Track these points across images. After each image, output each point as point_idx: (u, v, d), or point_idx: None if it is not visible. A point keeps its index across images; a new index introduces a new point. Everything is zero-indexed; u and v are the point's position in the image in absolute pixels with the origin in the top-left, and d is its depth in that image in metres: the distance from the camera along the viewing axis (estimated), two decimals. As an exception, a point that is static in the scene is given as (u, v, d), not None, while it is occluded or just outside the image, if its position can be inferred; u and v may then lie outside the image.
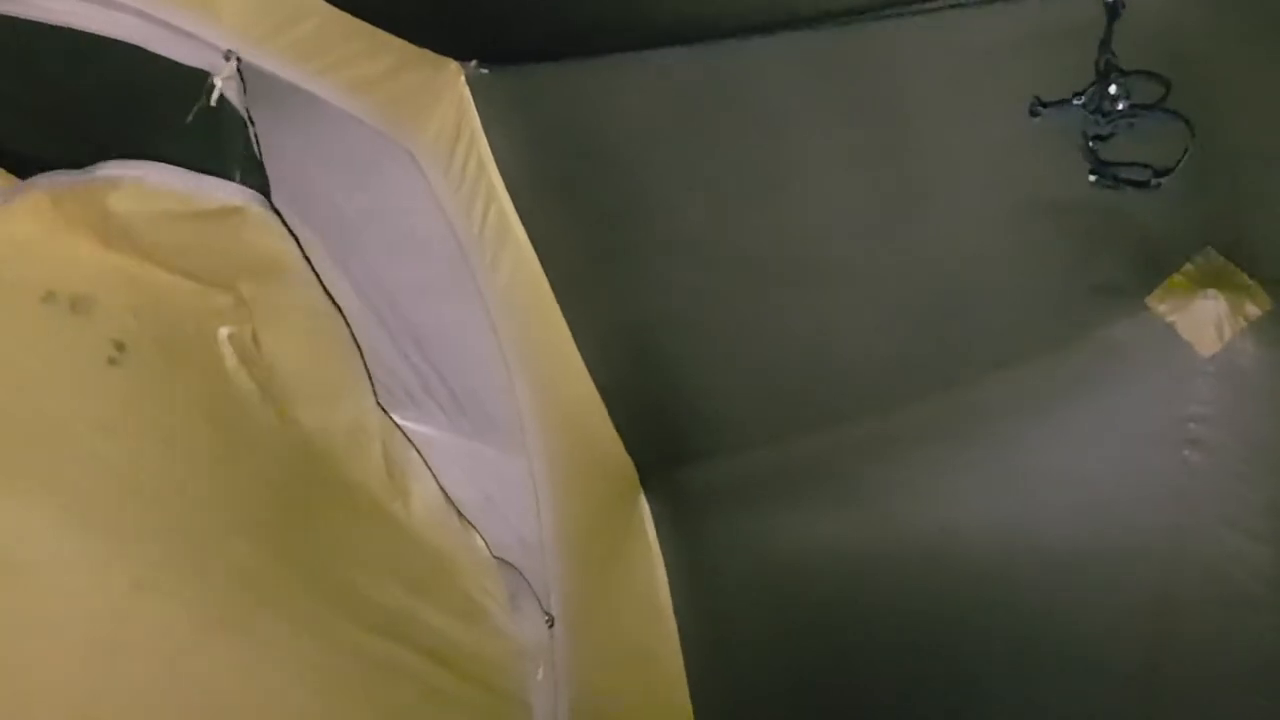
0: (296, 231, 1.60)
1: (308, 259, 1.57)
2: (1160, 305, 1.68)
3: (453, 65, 1.91)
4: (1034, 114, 1.63)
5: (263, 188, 1.55)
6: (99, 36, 1.41)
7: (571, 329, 2.14)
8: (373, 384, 1.69)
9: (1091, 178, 1.62)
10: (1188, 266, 1.67)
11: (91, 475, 1.37)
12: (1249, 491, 1.72)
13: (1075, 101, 1.62)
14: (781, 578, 2.18)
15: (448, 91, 1.91)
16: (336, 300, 1.65)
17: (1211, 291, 1.64)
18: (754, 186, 1.92)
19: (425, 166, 1.87)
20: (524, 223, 2.04)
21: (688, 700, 2.27)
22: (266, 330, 1.54)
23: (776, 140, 1.86)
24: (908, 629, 2.07)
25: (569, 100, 1.94)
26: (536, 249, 2.06)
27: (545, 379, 2.09)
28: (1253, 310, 1.63)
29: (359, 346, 1.66)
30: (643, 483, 2.29)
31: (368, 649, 1.66)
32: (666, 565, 2.27)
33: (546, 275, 2.09)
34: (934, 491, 1.99)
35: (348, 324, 1.64)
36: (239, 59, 1.52)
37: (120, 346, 1.43)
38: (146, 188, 1.42)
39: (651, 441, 2.25)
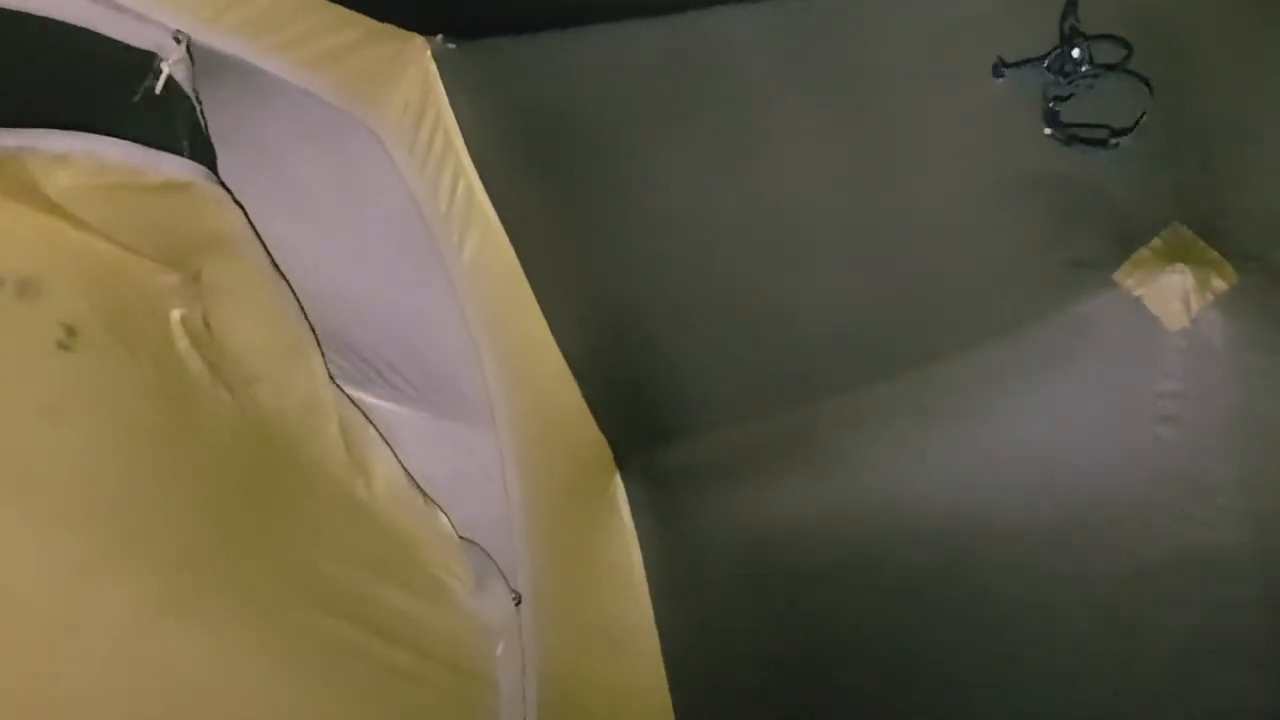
0: (257, 209, 1.59)
1: (259, 236, 1.56)
2: (1128, 280, 1.68)
3: (418, 40, 1.89)
4: (998, 75, 1.64)
5: (212, 164, 1.54)
6: (41, 17, 1.40)
7: (543, 306, 2.12)
8: (326, 361, 1.68)
9: (1047, 131, 1.62)
10: (1155, 241, 1.67)
11: (37, 460, 1.35)
12: (1220, 466, 1.73)
13: (1039, 64, 1.62)
14: (758, 555, 2.18)
15: (413, 67, 1.89)
16: (292, 278, 1.64)
17: (1179, 266, 1.64)
18: (726, 160, 1.91)
19: (389, 143, 1.85)
20: (493, 199, 2.02)
21: (663, 678, 2.27)
22: (217, 309, 1.52)
23: (748, 113, 1.85)
24: (884, 604, 2.07)
25: (538, 74, 1.92)
26: (506, 226, 2.04)
27: (515, 357, 2.07)
28: (1219, 285, 1.63)
29: (310, 325, 1.65)
30: (617, 461, 2.28)
31: (326, 629, 1.65)
32: (641, 544, 2.26)
33: (517, 252, 2.07)
34: (909, 467, 1.98)
35: (299, 302, 1.63)
36: (187, 39, 1.51)
37: (71, 331, 1.41)
38: (94, 161, 1.39)
39: (626, 420, 2.24)
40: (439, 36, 1.89)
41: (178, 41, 1.51)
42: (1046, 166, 1.69)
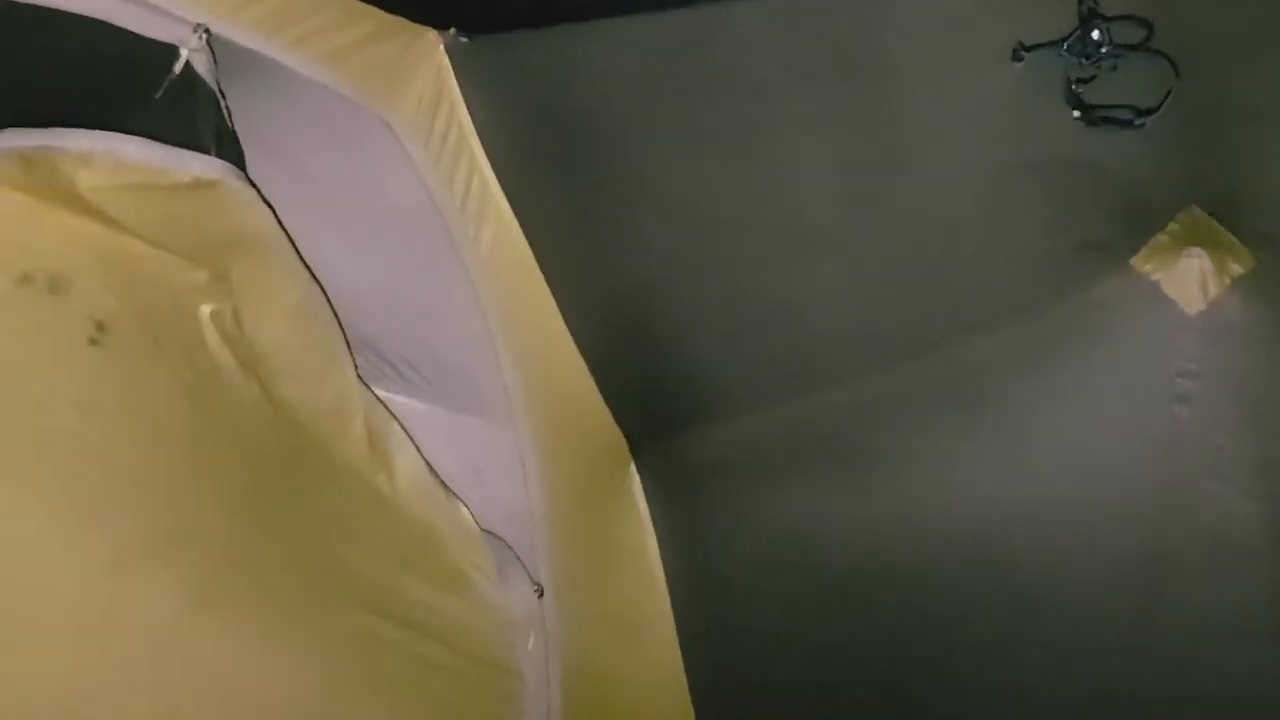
0: (275, 205, 1.58)
1: (286, 233, 1.56)
2: (1145, 264, 1.69)
3: (431, 34, 1.88)
4: (1017, 59, 1.64)
5: (238, 161, 1.54)
6: (61, 12, 1.39)
7: (556, 299, 2.12)
8: (353, 357, 1.68)
9: (1075, 114, 1.62)
10: (1172, 225, 1.68)
11: (71, 456, 1.35)
12: (1237, 446, 1.75)
13: (1058, 47, 1.62)
14: (773, 544, 2.19)
15: (426, 61, 1.88)
16: (316, 274, 1.64)
17: (1196, 250, 1.65)
18: (740, 151, 1.91)
19: (404, 138, 1.84)
20: (506, 193, 2.02)
21: (680, 666, 2.28)
22: (247, 306, 1.52)
23: (761, 103, 1.85)
24: (901, 588, 2.08)
25: (550, 67, 1.92)
26: (519, 219, 2.04)
27: (530, 350, 2.07)
28: (1236, 268, 1.64)
29: (339, 320, 1.65)
30: (633, 453, 2.28)
31: (355, 623, 1.66)
32: (658, 534, 2.27)
33: (530, 245, 2.07)
34: (924, 453, 2.00)
35: (327, 297, 1.63)
36: (208, 31, 1.50)
37: (101, 326, 1.40)
38: (120, 161, 1.39)
39: (640, 411, 2.25)
40: (451, 30, 1.89)
41: (198, 35, 1.50)
42: (1061, 151, 1.70)
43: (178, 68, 1.47)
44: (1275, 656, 1.82)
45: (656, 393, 2.22)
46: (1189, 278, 1.66)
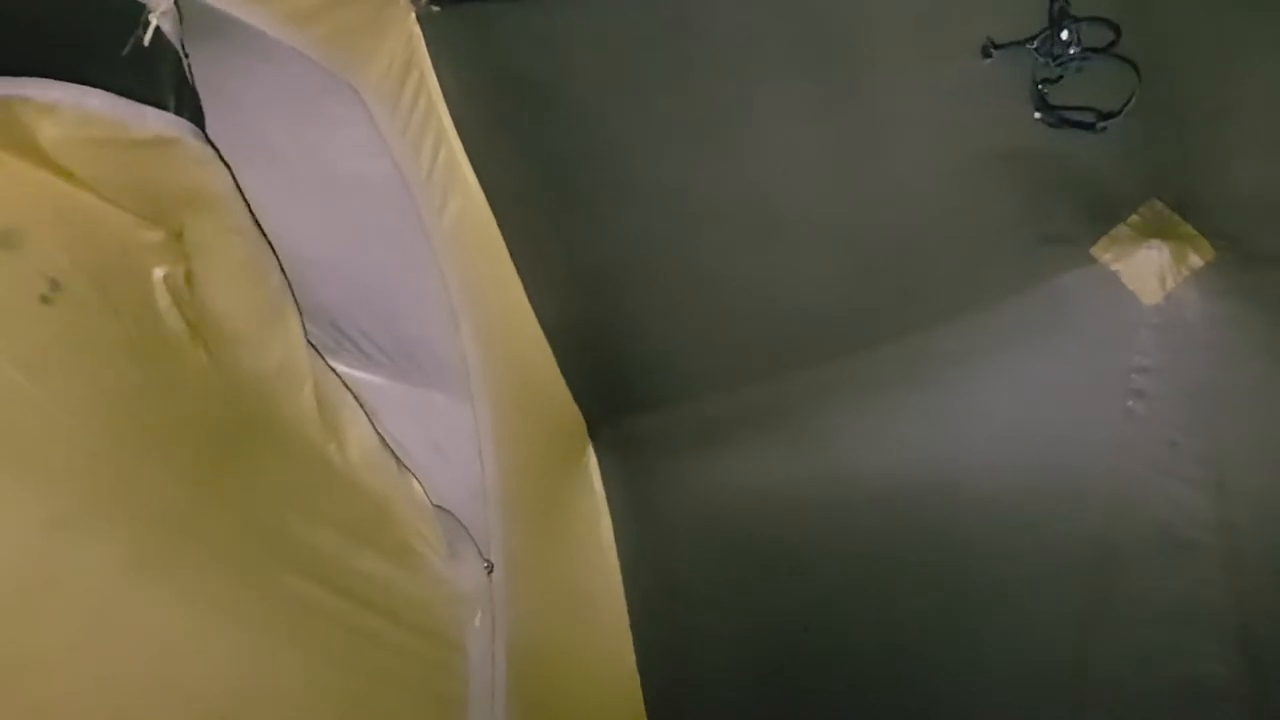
0: (233, 167, 1.56)
1: (243, 196, 1.54)
2: (1105, 254, 1.71)
3: (402, 1, 1.87)
4: (986, 55, 1.66)
5: (198, 120, 1.51)
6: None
7: (520, 275, 2.11)
8: (304, 323, 1.66)
9: (1036, 115, 1.63)
10: (1133, 217, 1.71)
11: (14, 413, 1.31)
12: (1189, 441, 1.78)
13: (1028, 45, 1.64)
14: (728, 524, 2.20)
15: (396, 28, 1.86)
16: (273, 240, 1.62)
17: (1155, 241, 1.68)
18: (708, 132, 1.91)
19: (371, 104, 1.81)
20: (474, 165, 2.00)
21: (630, 646, 2.28)
22: (199, 267, 1.49)
23: (732, 85, 1.85)
24: (853, 570, 2.10)
25: (523, 39, 1.91)
26: (486, 192, 2.03)
27: (492, 326, 2.06)
28: (1195, 260, 1.67)
29: (290, 287, 1.63)
30: (591, 433, 2.28)
31: (299, 592, 1.63)
32: (613, 514, 2.27)
33: (496, 219, 2.06)
34: (881, 436, 2.01)
35: (280, 264, 1.61)
36: (177, -8, 1.48)
37: (53, 284, 1.38)
38: (80, 113, 1.36)
39: (601, 391, 2.24)
40: (423, -1, 1.88)
41: (166, -7, 1.48)
42: (1026, 143, 1.72)
43: (147, 35, 1.45)
44: (1221, 648, 1.85)
45: (618, 372, 2.21)
46: (1147, 268, 1.68)
